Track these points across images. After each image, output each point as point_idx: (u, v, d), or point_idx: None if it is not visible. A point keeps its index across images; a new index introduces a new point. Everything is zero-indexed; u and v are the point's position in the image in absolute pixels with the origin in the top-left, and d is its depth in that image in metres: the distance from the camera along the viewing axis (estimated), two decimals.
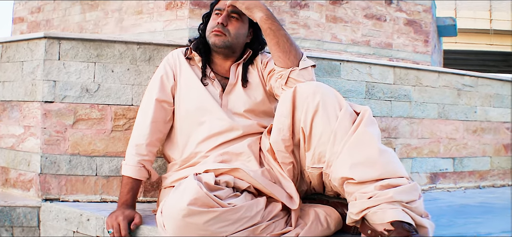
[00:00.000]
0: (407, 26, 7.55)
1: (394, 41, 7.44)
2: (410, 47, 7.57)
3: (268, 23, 1.90)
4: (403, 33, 7.47)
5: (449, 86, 3.14)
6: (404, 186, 1.56)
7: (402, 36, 7.49)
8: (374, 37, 7.14)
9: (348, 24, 6.86)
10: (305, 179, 1.86)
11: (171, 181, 1.89)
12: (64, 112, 2.15)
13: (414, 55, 7.40)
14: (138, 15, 6.15)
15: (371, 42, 7.03)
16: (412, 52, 7.52)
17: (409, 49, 7.55)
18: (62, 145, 2.13)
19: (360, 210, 1.56)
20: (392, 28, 7.41)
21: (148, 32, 6.11)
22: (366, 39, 6.97)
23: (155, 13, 6.08)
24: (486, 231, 1.94)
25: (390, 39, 7.42)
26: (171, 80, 2.01)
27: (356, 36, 6.95)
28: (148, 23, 6.05)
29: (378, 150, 1.61)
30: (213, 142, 1.91)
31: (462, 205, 2.52)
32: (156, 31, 6.07)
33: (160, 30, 6.04)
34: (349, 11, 6.86)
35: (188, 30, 5.80)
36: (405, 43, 7.54)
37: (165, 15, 6.02)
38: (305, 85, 1.77)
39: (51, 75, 2.15)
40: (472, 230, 1.94)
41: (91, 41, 2.22)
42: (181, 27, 5.90)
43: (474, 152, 3.14)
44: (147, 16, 6.10)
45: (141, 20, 6.12)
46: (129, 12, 6.24)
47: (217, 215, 1.49)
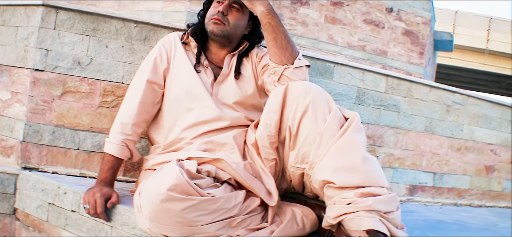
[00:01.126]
0: (404, 36, 7.57)
1: (390, 49, 7.47)
2: (404, 57, 7.60)
3: (268, 18, 1.90)
4: (400, 43, 7.50)
5: (439, 101, 3.17)
6: (383, 196, 1.59)
7: (398, 46, 7.51)
8: (370, 43, 7.15)
9: (346, 27, 6.87)
10: (286, 177, 1.87)
11: (152, 163, 1.89)
12: (53, 82, 2.14)
13: (408, 65, 7.44)
14: None
15: (367, 47, 7.05)
16: (406, 62, 7.55)
17: (404, 59, 7.58)
18: (48, 115, 2.12)
19: (337, 214, 1.58)
20: (389, 36, 7.43)
21: (147, 11, 6.07)
22: (362, 44, 6.98)
23: None
24: None
25: (386, 47, 7.44)
26: (164, 63, 2.01)
27: (353, 40, 6.96)
28: (148, 1, 6.00)
29: (362, 157, 1.63)
30: (199, 129, 1.91)
31: (438, 220, 2.55)
32: (155, 11, 6.02)
33: (159, 10, 5.99)
34: (348, 14, 6.86)
35: (186, 14, 5.76)
36: (400, 52, 7.57)
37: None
38: (297, 84, 1.78)
39: (45, 43, 2.13)
40: None
41: (88, 14, 2.20)
42: (180, 10, 5.87)
43: (455, 169, 3.18)
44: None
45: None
46: None
47: (195, 203, 1.49)
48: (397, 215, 1.61)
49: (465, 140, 3.25)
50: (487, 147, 3.34)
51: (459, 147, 3.21)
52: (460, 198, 3.19)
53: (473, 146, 3.27)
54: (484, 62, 18.78)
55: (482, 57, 18.66)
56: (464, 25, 18.72)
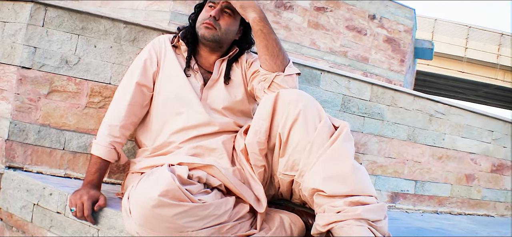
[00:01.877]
0: (386, 43, 7.67)
1: (371, 56, 7.56)
2: (385, 64, 7.70)
3: (260, 25, 1.91)
4: (381, 50, 7.59)
5: (422, 111, 3.22)
6: (372, 205, 1.61)
7: (379, 52, 7.60)
8: (352, 49, 7.23)
9: (328, 32, 6.93)
10: (274, 184, 1.88)
11: (140, 167, 1.88)
12: (40, 81, 2.10)
13: (388, 72, 7.54)
14: None
15: (349, 53, 7.12)
16: (387, 69, 7.65)
17: (385, 66, 7.68)
18: (33, 114, 2.09)
19: (327, 223, 1.59)
20: (371, 43, 7.51)
21: (130, 9, 6.02)
22: (344, 50, 7.05)
23: None
24: None
25: (367, 54, 7.53)
26: (154, 65, 2.00)
27: (335, 45, 7.03)
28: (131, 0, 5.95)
29: (351, 167, 1.65)
30: (188, 134, 1.91)
31: (419, 228, 2.59)
32: (138, 9, 5.98)
33: (142, 9, 5.95)
34: (332, 19, 6.92)
35: (170, 13, 5.73)
36: (382, 59, 7.66)
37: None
38: (288, 92, 1.79)
39: (32, 41, 2.10)
40: None
41: (78, 12, 2.18)
42: (164, 9, 5.83)
43: (436, 177, 3.23)
44: None
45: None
46: None
47: (187, 209, 1.49)
48: (384, 224, 1.64)
49: (447, 149, 3.30)
50: (467, 156, 3.40)
51: (440, 155, 3.27)
52: (440, 206, 3.25)
53: (454, 155, 3.33)
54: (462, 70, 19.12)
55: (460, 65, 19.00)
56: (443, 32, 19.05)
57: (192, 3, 5.87)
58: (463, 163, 3.37)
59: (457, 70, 19.29)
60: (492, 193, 3.52)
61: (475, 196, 3.42)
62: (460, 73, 19.31)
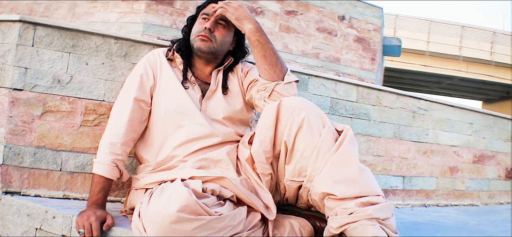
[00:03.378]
0: (357, 43, 7.80)
1: (343, 56, 7.67)
2: (357, 63, 7.83)
3: (257, 35, 1.93)
4: (352, 49, 7.72)
5: (405, 108, 3.29)
6: (381, 204, 1.64)
7: (350, 52, 7.73)
8: (323, 50, 7.32)
9: (300, 35, 7.00)
10: (280, 190, 1.90)
11: (145, 183, 1.85)
12: (33, 102, 2.06)
13: (360, 71, 7.67)
14: (92, 3, 5.95)
15: (321, 55, 7.21)
16: (359, 68, 7.78)
17: (356, 65, 7.81)
18: (28, 136, 2.04)
19: (340, 225, 1.62)
20: (342, 44, 7.63)
21: (102, 22, 5.95)
22: (316, 51, 7.13)
23: (111, 3, 5.92)
24: None
25: (339, 54, 7.64)
26: (150, 80, 1.99)
27: (307, 48, 7.10)
28: (102, 12, 5.88)
29: (358, 169, 1.68)
30: (191, 147, 1.90)
31: (414, 222, 2.64)
32: (110, 22, 5.92)
33: (114, 21, 5.89)
34: (302, 22, 7.00)
35: (142, 25, 5.70)
36: (353, 59, 7.79)
37: (121, 6, 5.88)
38: (290, 100, 1.81)
39: (23, 61, 2.05)
40: None
41: (68, 30, 2.14)
42: (136, 21, 5.79)
43: (422, 172, 3.31)
44: (101, 6, 5.93)
45: (95, 9, 5.94)
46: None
47: (205, 223, 1.49)
48: (393, 221, 1.68)
49: (431, 143, 3.39)
50: (450, 149, 3.49)
51: (425, 150, 3.35)
52: (427, 198, 3.32)
53: (437, 149, 3.42)
54: (425, 64, 19.59)
55: (423, 59, 19.47)
56: (404, 28, 19.48)
57: (164, 13, 5.84)
58: (447, 156, 3.47)
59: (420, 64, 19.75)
60: (475, 183, 3.63)
61: (459, 187, 3.52)
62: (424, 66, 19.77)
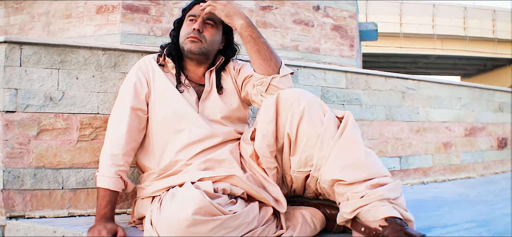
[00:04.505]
0: (334, 31, 7.83)
1: (322, 45, 7.70)
2: (336, 51, 7.87)
3: (249, 31, 1.92)
4: (330, 38, 7.75)
5: (394, 89, 3.32)
6: (390, 184, 1.65)
7: (329, 41, 7.76)
8: (302, 42, 7.34)
9: (277, 29, 7.00)
10: (286, 182, 1.89)
11: (151, 191, 1.83)
12: (27, 122, 2.02)
13: (340, 59, 7.71)
14: (67, 19, 5.87)
15: (300, 47, 7.23)
16: (339, 56, 7.82)
17: (336, 53, 7.84)
18: (26, 158, 2.00)
19: (353, 209, 1.62)
20: (319, 33, 7.65)
21: (78, 37, 5.87)
22: (294, 44, 7.15)
23: (85, 17, 5.84)
24: (452, 222, 2.08)
25: (317, 44, 7.67)
26: (145, 88, 1.96)
27: (285, 41, 7.11)
28: (78, 27, 5.80)
29: (364, 152, 1.69)
30: (194, 149, 1.88)
31: (417, 200, 2.67)
32: (86, 36, 5.84)
33: (91, 34, 5.81)
34: (278, 16, 7.00)
35: (119, 36, 5.63)
36: (332, 47, 7.83)
37: (96, 19, 5.80)
38: (288, 92, 1.80)
39: (12, 82, 2.01)
40: (440, 222, 2.07)
41: (54, 46, 2.10)
42: (113, 32, 5.72)
43: (417, 150, 3.34)
44: (77, 20, 5.85)
45: (70, 25, 5.86)
46: (57, 15, 5.94)
47: (221, 223, 1.48)
48: (402, 200, 1.69)
49: (422, 121, 3.42)
50: (442, 125, 3.53)
51: (418, 129, 3.38)
52: (425, 176, 3.36)
53: (430, 126, 3.46)
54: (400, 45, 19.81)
55: (398, 41, 19.69)
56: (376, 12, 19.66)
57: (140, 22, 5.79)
58: (439, 133, 3.50)
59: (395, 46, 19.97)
60: (470, 156, 3.69)
61: (454, 162, 3.56)
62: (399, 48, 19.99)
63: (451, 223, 2.07)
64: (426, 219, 2.15)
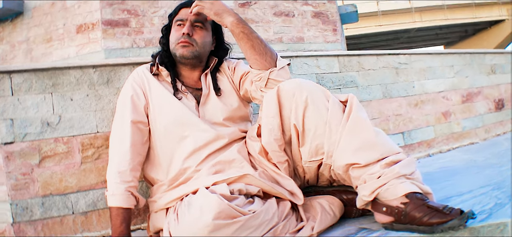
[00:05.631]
0: (315, 18, 7.81)
1: (305, 34, 7.68)
2: (320, 38, 7.85)
3: (240, 27, 1.88)
4: (313, 26, 7.73)
5: (387, 67, 3.30)
6: (404, 160, 1.63)
7: (312, 29, 7.74)
8: (285, 33, 7.31)
9: (259, 24, 6.96)
10: (299, 174, 1.87)
11: (165, 202, 1.79)
12: (28, 152, 1.97)
13: (325, 45, 7.68)
14: (48, 43, 5.79)
15: (283, 38, 7.20)
16: (323, 42, 7.80)
17: (320, 40, 7.83)
18: (32, 188, 1.95)
19: (372, 190, 1.60)
20: (301, 22, 7.62)
21: (61, 59, 5.79)
22: (278, 36, 7.11)
23: (66, 38, 5.76)
24: (467, 189, 2.07)
25: (301, 33, 7.64)
26: (142, 99, 1.92)
27: (269, 35, 7.07)
28: (60, 50, 5.71)
29: (374, 132, 1.66)
30: (201, 154, 1.84)
31: (426, 173, 2.65)
32: (70, 57, 5.76)
33: (74, 55, 5.73)
34: (258, 11, 6.97)
35: (103, 52, 5.56)
36: (316, 34, 7.81)
37: (77, 39, 5.72)
38: (288, 84, 1.77)
39: (7, 113, 1.95)
40: (454, 191, 2.06)
41: (44, 70, 2.05)
42: (96, 50, 5.64)
43: (419, 124, 3.33)
44: (58, 43, 5.76)
45: (52, 48, 5.77)
46: (38, 41, 5.86)
47: (242, 224, 1.45)
48: (418, 174, 1.67)
49: (419, 94, 3.41)
50: (438, 96, 3.53)
51: (416, 102, 3.37)
52: (430, 148, 3.35)
53: (427, 98, 3.45)
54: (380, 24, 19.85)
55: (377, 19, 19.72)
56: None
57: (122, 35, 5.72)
58: (437, 103, 3.50)
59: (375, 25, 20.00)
60: (470, 122, 3.68)
61: (456, 130, 3.56)
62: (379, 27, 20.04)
63: (466, 191, 2.05)
64: (440, 190, 2.14)
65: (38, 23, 5.94)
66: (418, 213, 1.53)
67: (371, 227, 1.67)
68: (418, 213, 1.53)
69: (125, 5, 5.72)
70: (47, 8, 5.99)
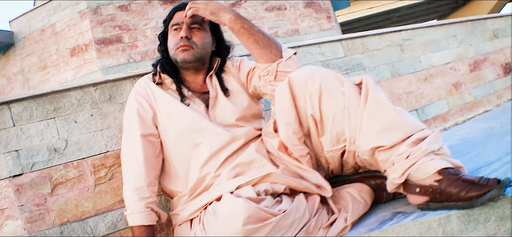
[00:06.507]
0: (308, 8, 7.75)
1: (300, 25, 7.61)
2: (315, 27, 7.78)
3: (239, 23, 1.80)
4: (306, 16, 7.67)
5: (392, 45, 3.23)
6: (431, 136, 1.55)
7: (305, 19, 7.68)
8: (280, 27, 7.24)
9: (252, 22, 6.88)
10: (322, 165, 1.79)
11: (188, 214, 1.71)
12: (38, 181, 1.89)
13: (321, 33, 7.62)
14: (43, 70, 5.72)
15: (279, 32, 7.13)
16: (319, 31, 7.73)
17: (315, 29, 7.76)
18: (47, 218, 1.87)
19: (402, 172, 1.52)
20: (294, 14, 7.56)
21: (59, 83, 5.72)
22: (273, 31, 7.05)
23: (61, 63, 5.69)
24: (494, 158, 1.99)
25: (295, 25, 7.58)
26: (149, 111, 1.84)
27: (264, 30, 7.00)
28: (57, 75, 5.64)
29: (395, 111, 1.59)
30: (218, 159, 1.76)
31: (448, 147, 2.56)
32: (67, 81, 5.69)
33: (71, 78, 5.67)
34: (250, 9, 6.90)
35: (100, 72, 5.49)
36: (310, 24, 7.74)
37: (72, 62, 5.66)
38: (299, 73, 1.69)
39: (11, 145, 1.87)
40: (482, 161, 1.98)
41: (43, 95, 1.97)
42: (93, 70, 5.57)
43: (431, 98, 3.26)
44: (53, 69, 5.70)
45: (48, 75, 5.71)
46: (33, 70, 5.79)
47: (274, 225, 1.37)
48: (446, 148, 1.59)
49: (427, 69, 3.34)
50: (446, 68, 3.45)
51: (425, 77, 3.29)
52: (445, 122, 3.27)
53: (435, 71, 3.37)
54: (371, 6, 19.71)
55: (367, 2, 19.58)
56: None
57: (117, 52, 5.65)
58: (446, 75, 3.42)
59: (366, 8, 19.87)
60: (481, 90, 3.61)
61: (468, 100, 3.48)
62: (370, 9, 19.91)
63: (494, 159, 1.97)
64: (468, 162, 2.06)
65: (31, 52, 5.87)
66: (454, 189, 1.45)
67: (405, 210, 1.59)
68: (454, 188, 1.45)
69: (115, 21, 5.65)
70: (38, 36, 5.92)
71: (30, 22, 5.99)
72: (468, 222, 1.45)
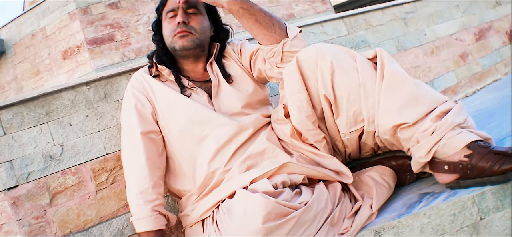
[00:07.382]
0: None
1: (295, 9, 7.47)
2: (310, 10, 7.65)
3: (238, 3, 1.64)
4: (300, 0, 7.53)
5: (395, 19, 3.10)
6: (454, 108, 1.43)
7: (300, 3, 7.54)
8: (274, 12, 7.07)
9: None
10: (339, 149, 1.66)
11: (199, 214, 1.58)
12: (35, 192, 1.75)
13: (317, 17, 7.48)
14: (36, 76, 5.57)
15: None
16: (314, 14, 7.59)
17: (311, 12, 7.62)
18: (49, 231, 1.74)
19: (428, 149, 1.39)
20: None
21: None
22: None
23: (54, 67, 5.55)
24: None
25: (290, 10, 7.44)
26: (147, 106, 1.71)
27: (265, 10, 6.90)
28: (50, 80, 5.50)
29: (415, 85, 1.46)
30: (227, 152, 1.63)
31: None
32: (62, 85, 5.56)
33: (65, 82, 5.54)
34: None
35: (95, 72, 5.36)
36: (305, 8, 7.60)
37: (65, 65, 5.52)
38: (307, 52, 1.56)
39: (3, 155, 1.74)
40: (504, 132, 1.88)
41: (34, 99, 1.83)
42: (87, 71, 5.44)
43: (439, 71, 3.14)
44: (47, 74, 5.56)
45: (42, 80, 5.57)
46: (26, 77, 5.64)
47: (296, 220, 1.25)
48: (471, 120, 1.46)
49: (432, 41, 3.21)
50: (451, 39, 3.33)
51: (431, 50, 3.17)
52: (455, 94, 3.16)
53: (441, 43, 3.25)
54: None
55: None
56: None
57: (110, 51, 5.51)
58: (452, 46, 3.30)
59: None
60: (488, 59, 3.49)
61: (477, 70, 3.36)
62: None
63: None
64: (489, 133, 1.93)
65: (23, 58, 5.74)
66: (486, 163, 1.33)
67: (433, 190, 1.47)
68: (486, 162, 1.33)
69: (106, 20, 5.51)
70: (28, 41, 5.78)
71: (20, 28, 5.85)
72: (504, 197, 1.34)
